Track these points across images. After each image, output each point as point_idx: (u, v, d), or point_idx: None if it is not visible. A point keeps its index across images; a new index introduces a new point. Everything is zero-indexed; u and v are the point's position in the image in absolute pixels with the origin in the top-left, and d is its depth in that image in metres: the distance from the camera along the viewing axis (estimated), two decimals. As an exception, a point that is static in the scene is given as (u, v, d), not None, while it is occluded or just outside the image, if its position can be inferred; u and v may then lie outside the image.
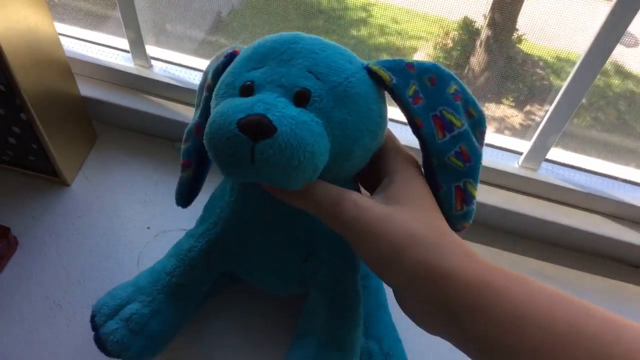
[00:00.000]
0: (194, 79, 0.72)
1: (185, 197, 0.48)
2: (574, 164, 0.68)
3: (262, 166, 0.32)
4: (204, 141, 0.34)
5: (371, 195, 0.37)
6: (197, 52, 0.78)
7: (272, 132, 0.31)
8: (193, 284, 0.47)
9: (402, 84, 0.36)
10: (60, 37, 0.59)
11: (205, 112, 0.41)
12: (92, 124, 0.71)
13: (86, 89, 0.70)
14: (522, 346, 0.28)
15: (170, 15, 0.78)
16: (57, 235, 0.61)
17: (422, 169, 0.39)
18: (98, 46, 0.74)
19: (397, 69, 0.36)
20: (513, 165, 0.68)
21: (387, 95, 0.39)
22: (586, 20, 0.66)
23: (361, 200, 0.34)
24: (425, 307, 0.32)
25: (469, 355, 0.31)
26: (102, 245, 0.61)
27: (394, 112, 0.49)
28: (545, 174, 0.67)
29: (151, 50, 0.72)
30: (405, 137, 0.46)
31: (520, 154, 0.68)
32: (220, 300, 0.57)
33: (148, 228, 0.63)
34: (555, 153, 0.69)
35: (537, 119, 0.75)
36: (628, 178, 0.68)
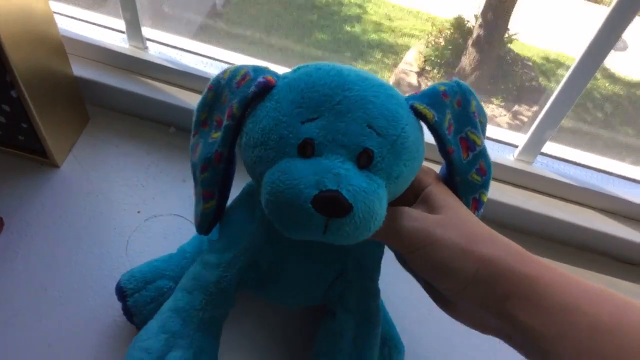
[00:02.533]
0: (189, 62, 0.71)
1: (208, 228, 0.46)
2: (570, 158, 0.69)
3: (333, 236, 0.33)
4: (264, 205, 0.34)
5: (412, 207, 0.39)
6: (195, 37, 0.77)
7: (348, 211, 0.32)
8: (225, 311, 0.46)
9: (441, 118, 0.38)
10: (55, 16, 0.58)
11: (228, 142, 0.39)
12: (84, 105, 0.69)
13: (79, 69, 0.69)
14: (568, 333, 0.30)
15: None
16: (45, 217, 0.60)
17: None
18: (93, 26, 0.73)
19: (436, 104, 0.38)
20: (508, 157, 0.68)
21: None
22: (578, 22, 0.66)
23: (414, 212, 0.37)
24: (484, 304, 0.34)
25: (520, 348, 0.33)
26: (91, 228, 0.60)
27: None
28: (540, 167, 0.67)
29: (147, 32, 0.70)
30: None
31: (516, 147, 0.68)
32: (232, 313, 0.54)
33: (138, 212, 0.62)
34: (551, 147, 0.69)
35: (525, 119, 0.75)
36: (623, 174, 0.69)
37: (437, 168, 0.43)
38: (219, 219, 0.46)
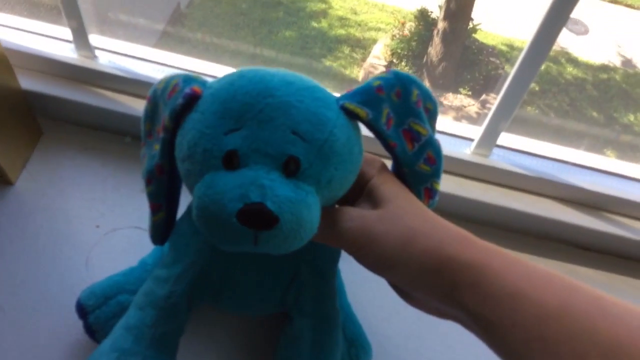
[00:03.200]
0: (141, 70, 0.69)
1: (162, 238, 0.45)
2: (525, 148, 0.70)
3: (265, 247, 0.33)
4: (194, 220, 0.34)
5: (356, 204, 0.39)
6: (160, 40, 0.75)
7: (274, 223, 0.31)
8: (177, 327, 0.45)
9: (377, 114, 0.37)
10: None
11: (166, 154, 0.39)
12: (35, 119, 0.68)
13: (28, 82, 0.67)
14: (516, 320, 0.30)
15: (115, 4, 0.76)
16: (0, 236, 0.59)
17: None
18: (38, 36, 0.71)
19: (370, 100, 0.37)
20: (465, 151, 0.68)
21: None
22: (538, 7, 0.67)
23: (353, 212, 0.36)
24: (432, 294, 0.34)
25: (476, 334, 0.33)
26: (49, 245, 0.59)
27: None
28: (496, 159, 0.68)
29: (95, 40, 0.69)
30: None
31: (472, 140, 0.68)
32: (190, 326, 0.53)
33: (97, 227, 0.61)
34: (507, 138, 0.70)
35: (493, 107, 0.76)
36: (577, 162, 0.70)
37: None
38: (171, 230, 0.46)
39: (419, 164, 0.39)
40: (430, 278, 0.33)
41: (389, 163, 0.41)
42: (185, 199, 0.45)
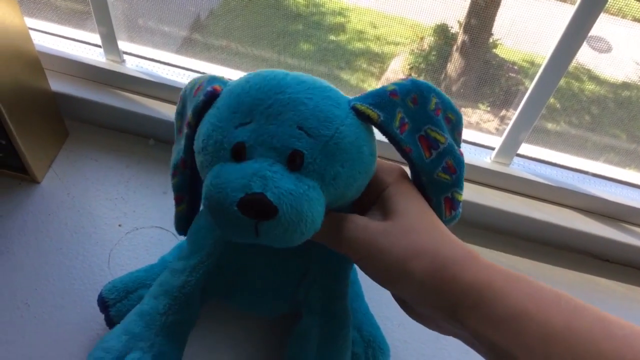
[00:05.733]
0: (167, 74, 0.71)
1: (184, 227, 0.47)
2: (545, 158, 0.69)
3: (266, 239, 0.33)
4: (204, 206, 0.35)
5: (369, 212, 0.38)
6: (180, 48, 0.77)
7: (273, 213, 0.32)
8: (189, 318, 0.46)
9: (389, 117, 0.36)
10: (31, 32, 0.58)
11: (189, 149, 0.40)
12: (63, 120, 0.69)
13: (57, 85, 0.69)
14: (520, 341, 0.29)
15: (143, 10, 0.77)
16: (26, 233, 0.60)
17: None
18: (70, 41, 0.73)
19: (382, 103, 0.37)
20: (485, 160, 0.68)
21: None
22: (560, 23, 0.67)
23: (360, 221, 0.36)
24: (435, 313, 0.33)
25: (480, 354, 0.33)
26: (72, 243, 0.60)
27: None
28: (517, 168, 0.68)
29: (123, 45, 0.71)
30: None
31: (493, 149, 0.68)
32: (204, 324, 0.54)
33: (119, 226, 0.62)
34: (527, 148, 0.70)
35: (513, 117, 0.76)
36: (597, 172, 0.69)
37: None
38: (192, 221, 0.47)
39: (437, 172, 0.38)
40: (432, 297, 0.33)
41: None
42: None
